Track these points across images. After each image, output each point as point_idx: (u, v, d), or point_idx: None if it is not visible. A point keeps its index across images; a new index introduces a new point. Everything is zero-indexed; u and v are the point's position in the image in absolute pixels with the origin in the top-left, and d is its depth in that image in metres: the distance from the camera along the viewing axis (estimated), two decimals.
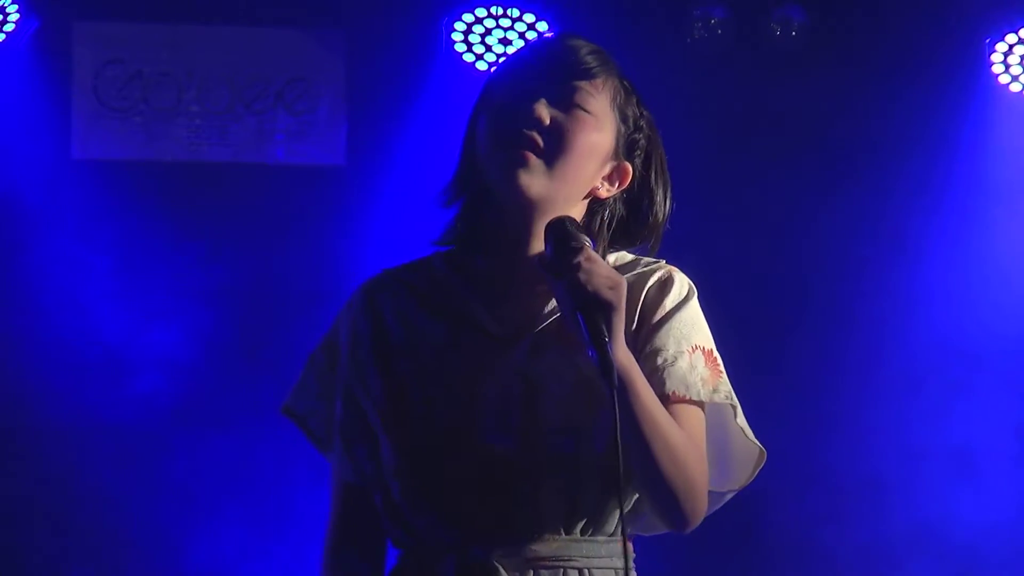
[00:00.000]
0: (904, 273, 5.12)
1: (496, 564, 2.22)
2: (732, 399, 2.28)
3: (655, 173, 2.32)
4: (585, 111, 2.24)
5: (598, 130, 2.25)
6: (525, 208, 2.25)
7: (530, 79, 2.26)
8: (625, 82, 2.31)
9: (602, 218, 2.32)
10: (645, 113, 2.32)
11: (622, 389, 2.13)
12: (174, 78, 5.03)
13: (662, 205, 2.33)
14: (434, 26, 5.01)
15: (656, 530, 2.34)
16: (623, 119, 2.29)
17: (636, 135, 2.30)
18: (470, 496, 2.23)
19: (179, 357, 4.95)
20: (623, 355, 2.15)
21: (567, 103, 2.24)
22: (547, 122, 2.22)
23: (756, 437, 2.31)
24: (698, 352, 2.27)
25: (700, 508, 2.22)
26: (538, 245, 2.26)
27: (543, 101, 2.23)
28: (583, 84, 2.25)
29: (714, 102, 5.08)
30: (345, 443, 2.31)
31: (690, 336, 2.27)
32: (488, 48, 5.00)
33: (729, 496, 2.36)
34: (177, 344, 4.95)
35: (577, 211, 2.29)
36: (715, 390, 2.26)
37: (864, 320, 5.13)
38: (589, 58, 2.26)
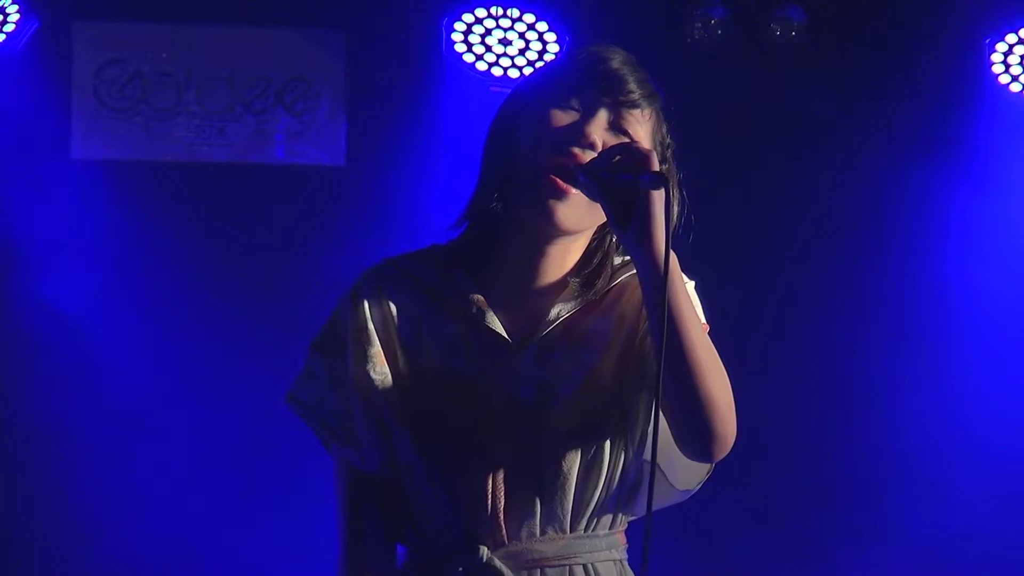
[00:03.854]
0: (904, 272, 5.12)
1: (501, 565, 2.24)
2: None
3: (673, 199, 2.31)
4: (632, 140, 2.25)
5: None
6: (553, 232, 2.27)
7: (578, 95, 2.26)
8: (660, 109, 2.32)
9: (612, 239, 2.35)
10: (670, 141, 2.34)
11: (669, 284, 2.12)
12: (174, 78, 5.03)
13: (676, 226, 2.34)
14: (434, 26, 5.01)
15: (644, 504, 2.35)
16: (655, 147, 2.30)
17: (662, 165, 2.30)
18: (478, 498, 2.25)
19: (178, 356, 4.94)
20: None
21: (616, 128, 2.26)
22: (599, 147, 2.23)
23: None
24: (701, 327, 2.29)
25: (733, 430, 2.20)
26: (554, 256, 2.30)
27: (596, 123, 2.25)
28: (632, 112, 2.27)
29: (714, 102, 5.08)
30: (365, 432, 2.30)
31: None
32: (488, 48, 4.99)
33: (695, 489, 2.37)
34: (176, 343, 4.94)
35: (588, 233, 2.33)
36: None
37: (864, 319, 5.13)
38: (639, 87, 2.27)
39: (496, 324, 2.29)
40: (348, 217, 4.99)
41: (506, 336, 2.29)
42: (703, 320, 2.29)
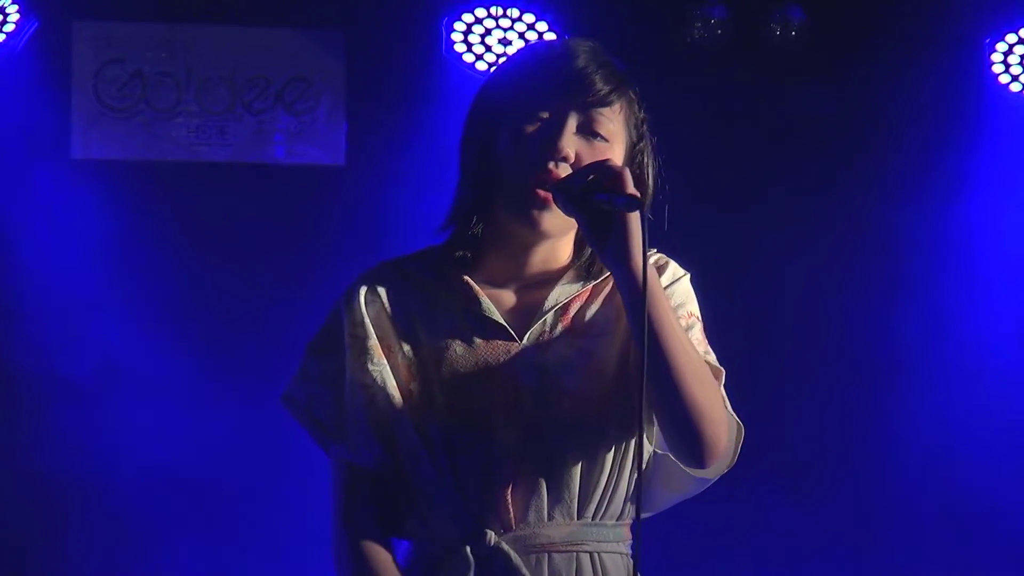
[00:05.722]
0: (903, 273, 5.13)
1: (509, 551, 2.25)
2: (720, 367, 2.32)
3: (648, 169, 2.34)
4: (604, 140, 2.27)
5: (612, 153, 2.28)
6: (538, 239, 2.31)
7: (546, 105, 2.26)
8: (631, 92, 2.32)
9: None
10: (643, 115, 2.35)
11: (648, 296, 2.14)
12: (174, 78, 5.04)
13: (653, 195, 2.36)
14: (434, 26, 5.02)
15: (666, 499, 2.37)
16: (630, 132, 2.32)
17: (640, 143, 2.33)
18: (485, 486, 2.26)
19: (178, 356, 4.95)
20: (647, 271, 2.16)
21: (587, 131, 2.27)
22: (572, 159, 2.25)
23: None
24: (694, 319, 2.33)
25: (723, 436, 2.23)
26: (545, 249, 2.33)
27: (567, 132, 2.25)
28: (603, 112, 2.27)
29: (714, 102, 5.08)
30: (358, 429, 2.31)
31: (686, 304, 2.33)
32: (488, 48, 5.00)
33: (714, 479, 2.37)
34: (176, 343, 4.94)
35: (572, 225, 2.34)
36: (707, 352, 2.32)
37: (863, 320, 5.13)
38: (606, 83, 2.27)
39: (494, 312, 2.31)
40: (348, 217, 4.99)
41: (504, 324, 2.31)
42: (696, 313, 2.33)
